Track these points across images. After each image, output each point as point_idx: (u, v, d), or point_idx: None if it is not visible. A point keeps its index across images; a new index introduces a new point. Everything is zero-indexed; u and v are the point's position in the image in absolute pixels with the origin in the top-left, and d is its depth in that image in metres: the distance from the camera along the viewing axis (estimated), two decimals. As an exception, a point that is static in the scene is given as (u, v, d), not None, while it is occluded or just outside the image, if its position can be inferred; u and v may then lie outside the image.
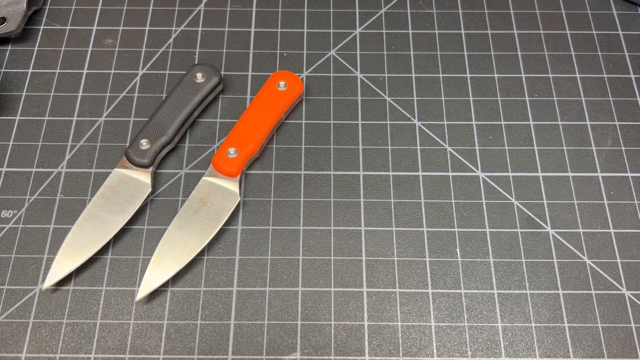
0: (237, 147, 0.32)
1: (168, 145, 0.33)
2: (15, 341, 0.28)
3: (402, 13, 0.39)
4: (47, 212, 0.32)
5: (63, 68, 0.36)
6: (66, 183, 0.33)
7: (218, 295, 0.30)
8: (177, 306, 0.29)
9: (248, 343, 0.29)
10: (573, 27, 0.38)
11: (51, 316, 0.29)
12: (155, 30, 0.38)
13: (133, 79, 0.36)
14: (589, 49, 0.37)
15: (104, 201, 0.31)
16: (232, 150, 0.32)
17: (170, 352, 0.28)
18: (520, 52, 0.37)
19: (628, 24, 0.38)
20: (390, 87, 0.36)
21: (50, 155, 0.33)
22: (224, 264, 0.30)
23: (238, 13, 0.39)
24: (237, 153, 0.32)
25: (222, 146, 0.32)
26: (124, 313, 0.29)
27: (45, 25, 0.38)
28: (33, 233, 0.31)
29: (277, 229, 0.31)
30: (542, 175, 0.33)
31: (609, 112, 0.35)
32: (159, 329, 0.29)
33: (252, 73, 0.36)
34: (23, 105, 0.35)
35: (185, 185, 0.33)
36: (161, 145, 0.32)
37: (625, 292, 0.30)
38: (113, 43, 0.37)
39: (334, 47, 0.37)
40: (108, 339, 0.29)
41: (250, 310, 0.29)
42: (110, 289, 0.30)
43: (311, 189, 0.32)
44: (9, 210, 0.32)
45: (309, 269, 0.30)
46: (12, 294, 0.30)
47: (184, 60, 0.37)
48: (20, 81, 0.36)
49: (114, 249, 0.31)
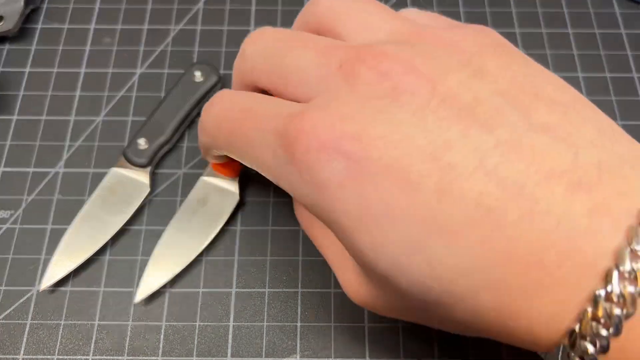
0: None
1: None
2: (13, 343, 0.28)
3: (403, 11, 0.38)
4: (44, 212, 0.31)
5: (61, 67, 0.36)
6: (64, 183, 0.32)
7: (217, 296, 0.29)
8: (175, 307, 0.29)
9: (247, 345, 0.28)
10: (575, 26, 0.38)
11: (49, 317, 0.29)
12: (153, 29, 0.37)
13: (131, 78, 0.36)
14: (592, 48, 0.37)
15: (102, 201, 0.30)
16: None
17: (168, 354, 0.28)
18: (522, 51, 0.37)
19: (631, 23, 0.38)
20: (391, 86, 0.35)
21: (47, 154, 0.33)
22: (223, 265, 0.30)
23: (237, 12, 0.38)
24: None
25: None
26: (122, 314, 0.29)
27: (43, 24, 0.38)
28: (30, 233, 0.31)
29: (276, 230, 0.31)
30: (543, 175, 0.33)
31: (612, 112, 0.35)
32: (157, 330, 0.29)
33: (251, 72, 0.36)
34: (20, 104, 0.35)
35: (184, 185, 0.32)
36: (159, 144, 0.32)
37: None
38: (111, 42, 0.37)
39: (334, 45, 0.37)
40: (106, 341, 0.28)
41: (250, 311, 0.29)
42: (109, 290, 0.30)
43: (311, 189, 0.32)
44: (6, 210, 0.32)
45: (309, 270, 0.30)
46: (9, 295, 0.29)
47: (183, 59, 0.36)
48: (18, 80, 0.36)
49: (112, 249, 0.30)
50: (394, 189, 0.18)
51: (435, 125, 0.18)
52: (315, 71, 0.21)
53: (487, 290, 0.17)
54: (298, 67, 0.21)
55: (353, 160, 0.18)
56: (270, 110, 0.21)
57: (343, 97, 0.19)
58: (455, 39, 0.21)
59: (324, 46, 0.21)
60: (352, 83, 0.20)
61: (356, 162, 0.18)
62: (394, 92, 0.19)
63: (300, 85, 0.21)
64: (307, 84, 0.21)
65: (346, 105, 0.19)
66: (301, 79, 0.21)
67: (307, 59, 0.21)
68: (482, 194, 0.17)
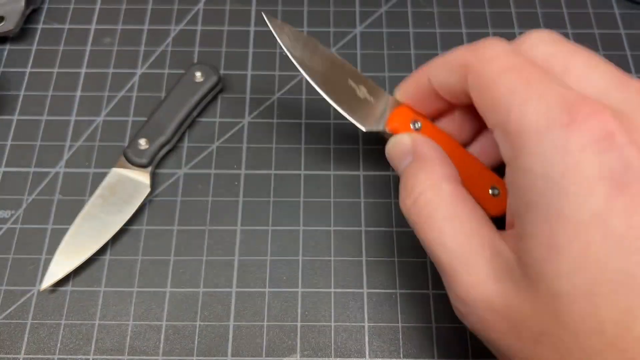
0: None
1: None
2: (13, 342, 0.28)
3: (403, 12, 0.38)
4: (45, 212, 0.31)
5: (61, 67, 0.36)
6: (64, 183, 0.32)
7: (217, 296, 0.29)
8: (175, 307, 0.29)
9: (247, 344, 0.28)
10: (574, 26, 0.38)
11: (49, 317, 0.29)
12: (153, 29, 0.38)
13: (131, 79, 0.36)
14: (591, 48, 0.37)
15: (102, 201, 0.31)
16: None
17: (169, 354, 0.28)
18: (521, 51, 0.37)
19: (630, 23, 0.38)
20: (391, 86, 0.35)
21: (48, 155, 0.33)
22: (223, 265, 0.30)
23: (237, 12, 0.38)
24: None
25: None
26: (123, 314, 0.29)
27: (44, 24, 0.38)
28: (31, 233, 0.31)
29: (276, 230, 0.31)
30: (543, 176, 0.33)
31: (611, 112, 0.35)
32: (157, 330, 0.29)
33: (251, 72, 0.36)
34: (21, 104, 0.35)
35: (184, 185, 0.32)
36: (160, 144, 0.32)
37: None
38: (111, 42, 0.37)
39: (334, 46, 0.37)
40: (106, 340, 0.28)
41: (250, 311, 0.29)
42: (109, 290, 0.30)
43: (311, 189, 0.32)
44: (7, 210, 0.32)
45: (309, 270, 0.30)
46: (10, 295, 0.29)
47: (183, 60, 0.36)
48: (18, 80, 0.36)
49: (112, 249, 0.31)
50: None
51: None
52: (608, 80, 0.20)
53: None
54: (590, 65, 0.21)
55: (633, 169, 0.17)
56: (559, 80, 0.20)
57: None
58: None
59: (620, 70, 0.21)
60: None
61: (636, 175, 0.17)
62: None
63: (584, 82, 0.20)
64: (594, 86, 0.20)
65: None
66: (589, 78, 0.21)
67: (602, 66, 0.21)
68: None
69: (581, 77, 0.21)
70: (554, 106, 0.19)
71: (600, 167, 0.17)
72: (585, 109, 0.18)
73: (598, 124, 0.18)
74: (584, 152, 0.17)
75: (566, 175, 0.18)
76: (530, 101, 0.19)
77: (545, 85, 0.20)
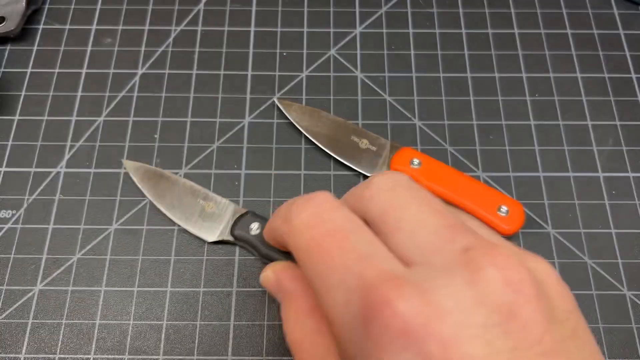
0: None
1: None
2: (14, 342, 0.28)
3: (403, 12, 0.38)
4: (46, 212, 0.32)
5: (62, 67, 0.36)
6: (65, 183, 0.32)
7: (217, 296, 0.30)
8: (176, 307, 0.29)
9: (248, 344, 0.28)
10: (574, 27, 0.38)
11: (50, 317, 0.29)
12: (154, 29, 0.38)
13: (132, 79, 0.36)
14: (590, 48, 0.37)
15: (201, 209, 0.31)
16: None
17: (169, 353, 0.28)
18: (521, 51, 0.37)
19: (629, 23, 0.38)
20: (391, 86, 0.36)
21: (49, 155, 0.33)
22: (223, 265, 0.30)
23: (238, 12, 0.38)
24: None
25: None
26: (123, 314, 0.29)
27: (45, 25, 0.38)
28: (32, 233, 0.31)
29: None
30: (543, 175, 0.33)
31: (610, 112, 0.35)
32: (158, 329, 0.29)
33: (251, 73, 0.36)
34: (22, 104, 0.35)
35: (184, 185, 0.32)
36: None
37: (627, 292, 0.30)
38: (112, 42, 0.37)
39: (334, 46, 0.37)
40: (107, 340, 0.28)
41: (250, 311, 0.29)
42: (109, 290, 0.30)
43: (311, 188, 0.32)
44: (8, 210, 0.32)
45: (309, 270, 0.30)
46: (11, 295, 0.29)
47: (184, 60, 0.36)
48: (19, 81, 0.36)
49: (112, 249, 0.31)
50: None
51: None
52: (434, 239, 0.19)
53: None
54: (418, 221, 0.19)
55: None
56: (365, 249, 0.19)
57: (456, 286, 0.17)
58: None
59: (454, 221, 0.19)
60: (473, 278, 0.17)
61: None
62: (509, 315, 0.16)
63: (409, 242, 0.19)
64: (418, 247, 0.19)
65: (454, 297, 0.16)
66: (415, 238, 0.19)
67: (432, 221, 0.19)
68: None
69: (407, 238, 0.19)
70: (353, 297, 0.18)
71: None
72: (382, 297, 0.17)
73: (394, 317, 0.16)
74: (384, 354, 0.16)
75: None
76: (331, 290, 0.18)
77: (345, 264, 0.18)
